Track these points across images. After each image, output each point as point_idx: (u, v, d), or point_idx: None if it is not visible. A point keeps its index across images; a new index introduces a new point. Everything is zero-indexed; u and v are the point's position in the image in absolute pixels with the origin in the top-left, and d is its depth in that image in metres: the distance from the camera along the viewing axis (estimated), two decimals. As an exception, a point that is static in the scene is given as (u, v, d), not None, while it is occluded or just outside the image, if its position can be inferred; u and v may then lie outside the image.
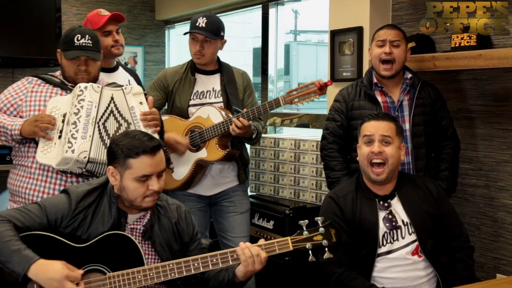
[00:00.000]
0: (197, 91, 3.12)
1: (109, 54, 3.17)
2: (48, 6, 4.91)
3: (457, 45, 2.84)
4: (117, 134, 2.48)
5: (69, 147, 2.42)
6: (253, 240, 3.34)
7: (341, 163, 2.82)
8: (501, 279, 2.44)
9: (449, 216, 2.42)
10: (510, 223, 2.87)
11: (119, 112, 2.55)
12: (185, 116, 3.10)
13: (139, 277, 2.00)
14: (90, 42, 2.63)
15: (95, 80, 2.68)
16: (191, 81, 3.11)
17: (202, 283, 2.18)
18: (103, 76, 3.15)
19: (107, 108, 2.55)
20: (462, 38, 2.82)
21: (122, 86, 2.67)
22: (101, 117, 2.52)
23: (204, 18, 3.02)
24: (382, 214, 2.37)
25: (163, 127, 2.71)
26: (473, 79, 3.00)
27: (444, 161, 2.81)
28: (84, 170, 2.48)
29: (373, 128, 2.39)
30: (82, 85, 2.53)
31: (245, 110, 2.91)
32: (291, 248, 2.05)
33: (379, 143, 2.36)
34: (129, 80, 3.31)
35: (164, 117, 3.10)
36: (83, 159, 2.42)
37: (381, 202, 2.38)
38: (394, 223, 2.34)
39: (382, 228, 2.35)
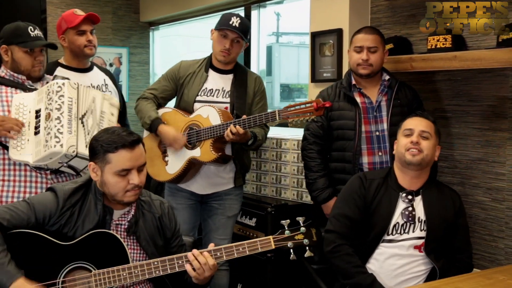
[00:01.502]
0: (206, 88, 3.10)
1: (81, 53, 3.11)
2: (33, 7, 4.91)
3: (433, 47, 2.89)
4: (91, 130, 2.54)
5: (57, 142, 2.43)
6: (236, 237, 3.41)
7: (319, 164, 2.90)
8: (475, 273, 2.51)
9: (461, 231, 2.51)
10: (484, 219, 2.94)
11: (95, 112, 2.60)
12: (190, 110, 3.09)
13: (124, 274, 2.03)
14: (41, 33, 2.70)
15: (44, 72, 2.72)
16: (203, 77, 3.10)
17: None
18: (77, 76, 3.12)
19: (89, 106, 2.58)
20: (438, 40, 2.86)
21: (89, 87, 2.75)
22: (84, 114, 2.55)
23: (238, 18, 3.01)
24: (402, 206, 2.46)
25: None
26: (448, 80, 3.07)
27: None
28: (65, 164, 2.50)
29: (414, 123, 2.50)
30: (59, 81, 2.56)
31: (244, 116, 2.87)
32: (273, 247, 2.11)
33: (418, 136, 2.45)
34: (104, 80, 3.25)
35: (167, 109, 3.13)
36: (71, 153, 2.45)
37: (405, 195, 2.47)
38: (411, 217, 2.43)
39: (397, 218, 2.44)
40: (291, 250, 2.12)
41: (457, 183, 3.04)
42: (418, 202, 2.48)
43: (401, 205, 2.46)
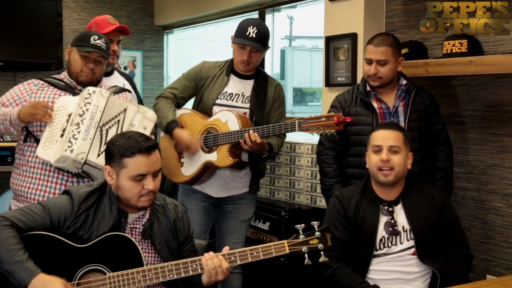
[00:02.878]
0: (226, 91, 3.08)
1: None
2: (49, 11, 4.95)
3: (448, 51, 2.88)
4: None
5: (68, 147, 2.48)
6: (249, 241, 3.41)
7: (335, 170, 2.88)
8: (491, 280, 2.49)
9: (450, 224, 2.48)
10: (500, 225, 2.92)
11: (123, 124, 2.62)
12: (209, 113, 3.07)
13: (139, 277, 2.03)
14: (104, 45, 2.71)
15: (97, 82, 2.74)
16: (224, 80, 3.08)
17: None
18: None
19: (116, 116, 2.62)
20: (453, 45, 2.85)
21: (133, 102, 2.77)
22: (106, 122, 2.58)
23: (255, 28, 2.96)
24: (384, 219, 2.44)
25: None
26: (464, 85, 3.05)
27: (439, 170, 2.84)
28: (80, 170, 2.54)
29: (382, 138, 2.46)
30: (91, 89, 2.60)
31: (259, 126, 2.83)
32: (287, 251, 2.09)
33: (387, 152, 2.43)
34: (124, 84, 3.33)
35: (186, 111, 3.11)
36: (80, 160, 2.48)
37: (386, 207, 2.45)
38: (394, 229, 2.41)
39: (381, 232, 2.42)
40: (306, 255, 2.11)
41: (473, 189, 3.02)
42: (400, 211, 2.46)
43: (383, 218, 2.45)
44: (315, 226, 2.14)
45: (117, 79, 3.34)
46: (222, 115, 2.98)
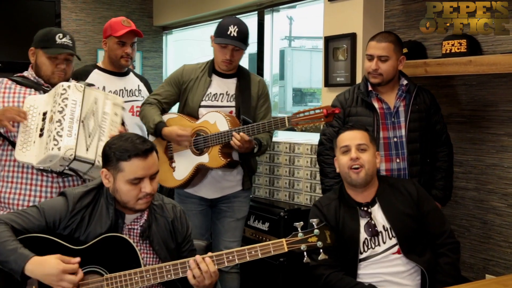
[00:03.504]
0: (210, 92, 3.09)
1: (117, 62, 3.26)
2: (48, 12, 4.96)
3: (448, 51, 2.88)
4: (92, 132, 2.53)
5: (54, 145, 2.42)
6: (249, 242, 3.39)
7: (335, 170, 2.86)
8: (490, 279, 2.48)
9: (431, 216, 2.47)
10: (499, 225, 2.91)
11: (97, 113, 2.58)
12: (195, 115, 3.08)
13: (136, 278, 2.02)
14: (70, 42, 2.65)
15: (67, 81, 2.67)
16: (207, 82, 3.09)
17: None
18: (112, 79, 3.29)
19: (90, 107, 2.56)
20: (452, 45, 2.85)
21: (96, 87, 2.72)
22: (85, 116, 2.53)
23: (236, 27, 2.97)
24: (363, 221, 2.43)
25: None
26: (463, 85, 3.04)
27: (439, 170, 2.83)
28: (66, 167, 2.49)
29: (349, 138, 2.48)
30: (64, 84, 2.54)
31: (249, 125, 2.85)
32: (286, 250, 2.07)
33: (356, 150, 2.44)
34: (138, 85, 3.39)
35: (173, 115, 3.11)
36: (69, 157, 2.43)
37: (363, 208, 2.45)
38: (374, 230, 2.41)
39: (363, 235, 2.41)
40: (305, 253, 2.08)
41: (472, 189, 3.01)
42: (377, 212, 2.45)
43: (363, 221, 2.44)
44: (314, 223, 2.12)
45: (132, 80, 3.38)
46: (210, 117, 2.99)
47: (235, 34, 2.96)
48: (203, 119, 3.01)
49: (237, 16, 4.73)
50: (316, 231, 2.10)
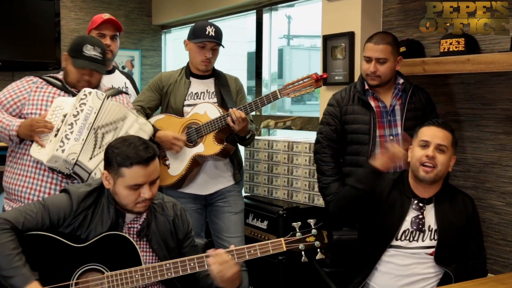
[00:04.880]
0: (192, 92, 3.16)
1: None
2: (47, 11, 4.95)
3: (445, 50, 2.88)
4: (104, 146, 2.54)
5: (60, 146, 2.47)
6: (247, 240, 3.41)
7: (333, 168, 2.88)
8: (488, 278, 2.49)
9: (474, 236, 2.46)
10: (497, 223, 2.92)
11: (119, 131, 2.61)
12: (181, 116, 3.13)
13: (136, 276, 2.03)
14: (99, 55, 2.66)
15: (96, 87, 2.72)
16: (186, 83, 3.17)
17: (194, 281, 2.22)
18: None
19: (115, 122, 2.60)
20: (450, 43, 2.85)
21: (130, 108, 2.77)
22: (103, 126, 2.57)
23: (212, 27, 3.10)
24: (413, 213, 2.42)
25: None
26: (461, 83, 3.05)
27: None
28: (71, 171, 2.52)
29: (431, 134, 2.41)
30: (87, 89, 2.59)
31: (247, 103, 2.97)
32: (285, 249, 2.11)
33: (434, 149, 2.39)
34: (125, 83, 3.38)
35: (159, 116, 3.16)
36: (71, 160, 2.46)
37: (417, 202, 2.43)
38: (420, 226, 2.40)
39: (407, 225, 2.41)
40: (303, 253, 2.12)
41: (470, 187, 3.02)
42: (430, 210, 2.44)
43: (412, 212, 2.43)
44: (311, 224, 2.15)
45: (118, 78, 3.36)
46: (199, 108, 3.07)
47: (213, 34, 3.08)
48: (192, 112, 3.09)
49: (236, 15, 4.78)
50: (314, 231, 2.14)
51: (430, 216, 2.43)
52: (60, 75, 2.77)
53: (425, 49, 3.18)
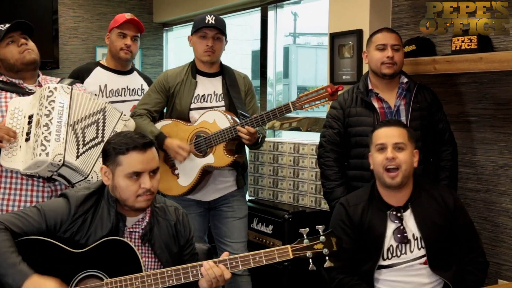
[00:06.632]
0: (198, 94, 3.08)
1: (117, 55, 3.26)
2: (44, 8, 4.91)
3: (457, 48, 2.83)
4: (91, 143, 2.47)
5: (42, 150, 2.36)
6: (252, 245, 3.33)
7: (337, 173, 2.83)
8: (502, 284, 2.41)
9: (464, 230, 2.39)
10: (511, 228, 2.85)
11: (103, 127, 2.54)
12: (186, 119, 3.06)
13: (137, 283, 1.99)
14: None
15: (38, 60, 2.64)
16: (192, 84, 3.07)
17: None
18: (114, 77, 3.27)
19: (91, 115, 2.52)
20: (462, 41, 2.80)
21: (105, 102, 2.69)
22: (79, 121, 2.48)
23: (212, 16, 3.03)
24: (393, 226, 2.35)
25: None
26: (473, 83, 2.99)
27: (444, 170, 2.79)
28: (55, 173, 2.43)
29: (385, 136, 2.38)
30: (51, 86, 2.49)
31: (254, 116, 2.87)
32: (291, 257, 2.04)
33: (392, 150, 2.34)
34: (142, 85, 3.38)
35: (167, 122, 3.08)
36: (58, 162, 2.38)
37: (394, 213, 2.36)
38: (404, 236, 2.32)
39: (389, 241, 2.33)
40: (310, 260, 2.05)
41: (483, 191, 2.96)
42: (409, 218, 2.36)
43: (391, 225, 2.35)
44: (320, 230, 2.09)
45: (135, 79, 3.37)
46: (208, 116, 2.98)
47: (213, 22, 3.01)
48: (201, 120, 2.99)
49: (240, 12, 4.72)
50: (322, 238, 2.07)
51: (411, 224, 2.35)
52: (1, 77, 2.62)
53: (436, 47, 3.13)
